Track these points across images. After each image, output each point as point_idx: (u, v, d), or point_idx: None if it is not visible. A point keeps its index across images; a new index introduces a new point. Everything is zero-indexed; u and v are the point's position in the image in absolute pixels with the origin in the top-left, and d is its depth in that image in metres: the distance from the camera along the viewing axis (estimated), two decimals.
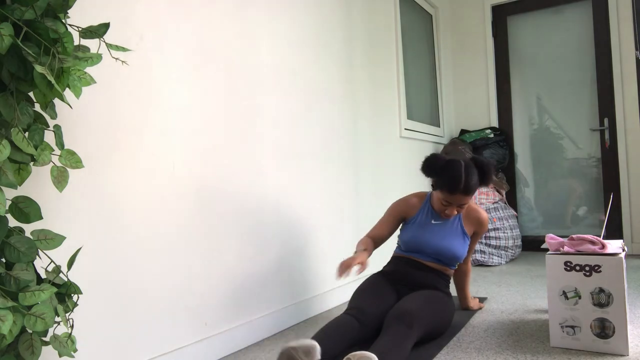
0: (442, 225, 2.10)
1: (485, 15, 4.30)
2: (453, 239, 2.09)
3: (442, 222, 2.11)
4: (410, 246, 2.09)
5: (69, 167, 1.16)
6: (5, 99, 1.04)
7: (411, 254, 2.10)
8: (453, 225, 2.12)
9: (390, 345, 1.57)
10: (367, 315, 1.78)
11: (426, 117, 3.96)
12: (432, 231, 2.09)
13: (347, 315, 1.76)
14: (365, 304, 1.83)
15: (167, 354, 1.65)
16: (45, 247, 1.10)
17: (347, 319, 1.74)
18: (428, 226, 2.10)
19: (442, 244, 2.06)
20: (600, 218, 3.91)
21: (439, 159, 2.04)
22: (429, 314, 1.79)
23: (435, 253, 2.06)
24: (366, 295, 1.90)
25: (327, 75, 2.61)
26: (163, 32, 1.71)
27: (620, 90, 3.77)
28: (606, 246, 1.74)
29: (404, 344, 1.60)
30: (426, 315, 1.76)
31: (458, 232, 2.12)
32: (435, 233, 2.08)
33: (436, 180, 2.05)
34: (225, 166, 1.94)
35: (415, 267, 2.06)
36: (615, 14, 3.80)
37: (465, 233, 2.13)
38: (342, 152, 2.71)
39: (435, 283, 2.05)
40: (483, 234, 2.30)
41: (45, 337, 1.11)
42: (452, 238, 2.09)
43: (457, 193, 1.97)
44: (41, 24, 1.03)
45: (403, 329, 1.64)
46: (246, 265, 2.02)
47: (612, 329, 1.68)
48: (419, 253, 2.08)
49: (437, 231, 2.08)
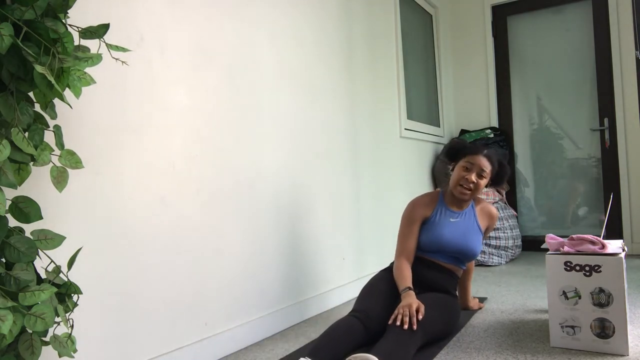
0: (461, 223, 2.08)
1: (485, 15, 4.30)
2: (472, 235, 2.07)
3: (460, 219, 2.09)
4: (431, 247, 2.04)
5: (68, 167, 1.16)
6: (5, 99, 1.04)
7: (427, 254, 2.06)
8: (470, 221, 2.10)
9: (394, 348, 1.56)
10: (373, 319, 1.75)
11: (426, 117, 3.96)
12: (452, 229, 2.05)
13: (352, 318, 1.73)
14: (372, 307, 1.79)
15: (167, 354, 1.65)
16: (45, 247, 1.10)
17: (353, 321, 1.71)
18: (447, 225, 2.06)
19: (463, 241, 2.04)
20: (600, 218, 3.91)
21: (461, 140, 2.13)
22: (436, 319, 1.77)
23: (456, 252, 2.03)
24: (374, 297, 1.86)
25: (327, 75, 2.61)
26: (163, 32, 1.71)
27: (620, 90, 3.77)
28: (606, 246, 1.74)
29: (408, 347, 1.59)
30: (433, 321, 1.75)
31: (475, 228, 2.10)
32: (455, 231, 2.05)
33: (459, 153, 2.12)
34: (226, 166, 1.94)
35: (429, 267, 2.04)
36: (615, 14, 3.80)
37: (480, 228, 2.12)
38: (342, 151, 2.71)
39: (447, 285, 2.03)
40: (492, 229, 2.30)
41: (45, 337, 1.11)
42: (471, 235, 2.07)
43: (479, 154, 2.06)
44: (41, 24, 1.03)
45: (407, 333, 1.62)
46: (246, 265, 2.02)
47: (612, 329, 1.68)
48: (437, 253, 2.05)
49: (456, 229, 2.05)
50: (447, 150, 2.16)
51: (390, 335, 1.61)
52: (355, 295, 2.76)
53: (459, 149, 2.13)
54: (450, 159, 2.16)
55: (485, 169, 2.05)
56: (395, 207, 3.24)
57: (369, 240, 2.94)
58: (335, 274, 2.62)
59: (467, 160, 2.06)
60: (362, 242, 2.87)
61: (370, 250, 2.94)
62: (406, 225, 2.08)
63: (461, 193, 2.05)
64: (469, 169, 2.04)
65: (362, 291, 1.95)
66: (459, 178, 2.06)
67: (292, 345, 1.98)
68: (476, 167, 2.04)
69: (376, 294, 1.89)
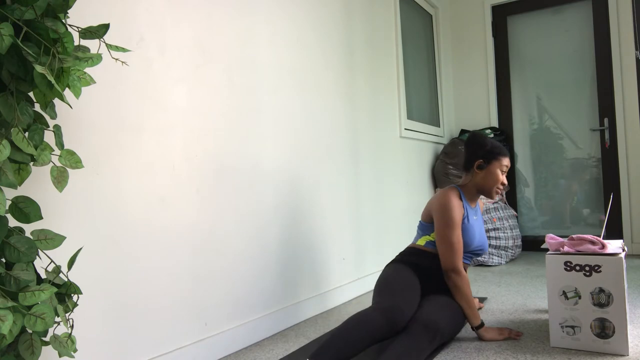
0: (479, 219, 2.11)
1: (485, 15, 4.30)
2: (483, 230, 2.13)
3: (478, 215, 2.12)
4: (466, 248, 2.01)
5: (68, 167, 1.16)
6: (5, 99, 1.04)
7: None
8: (480, 216, 2.15)
9: (410, 350, 1.57)
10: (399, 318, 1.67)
11: (426, 117, 3.96)
12: (478, 228, 2.08)
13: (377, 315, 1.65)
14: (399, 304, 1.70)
15: (167, 354, 1.65)
16: (45, 247, 1.10)
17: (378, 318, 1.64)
18: (475, 224, 2.06)
19: (483, 238, 2.09)
20: (600, 218, 3.91)
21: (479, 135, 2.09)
22: (451, 325, 1.77)
23: (479, 249, 2.06)
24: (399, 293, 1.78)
25: (327, 75, 2.61)
26: (163, 32, 1.71)
27: (620, 90, 3.77)
28: (606, 246, 1.74)
29: (423, 353, 1.60)
30: (448, 327, 1.74)
31: (483, 222, 2.16)
32: (479, 228, 2.08)
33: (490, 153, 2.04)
34: (225, 166, 1.94)
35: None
36: (615, 14, 3.80)
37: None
38: (342, 152, 2.71)
39: None
40: None
41: (45, 337, 1.11)
42: (483, 230, 2.13)
43: (507, 156, 2.06)
44: (41, 24, 1.03)
45: (426, 339, 1.63)
46: (246, 265, 2.02)
47: (612, 329, 1.68)
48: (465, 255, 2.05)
49: (478, 226, 2.08)
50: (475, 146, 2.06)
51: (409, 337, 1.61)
52: (355, 295, 2.76)
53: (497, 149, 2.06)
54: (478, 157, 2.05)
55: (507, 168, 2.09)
56: (395, 207, 3.24)
57: (369, 240, 2.94)
58: (335, 274, 2.62)
59: (505, 164, 2.04)
60: (362, 242, 2.87)
61: (370, 250, 2.94)
62: (455, 228, 1.94)
63: (497, 194, 2.07)
64: (503, 173, 2.06)
65: (386, 283, 1.86)
66: (497, 182, 2.03)
67: (292, 345, 1.98)
68: (507, 169, 2.07)
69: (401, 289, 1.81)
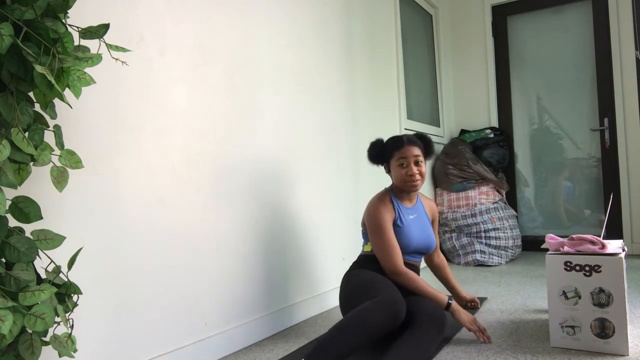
0: (418, 218, 2.09)
1: (485, 15, 4.30)
2: (429, 228, 2.13)
3: (417, 214, 2.09)
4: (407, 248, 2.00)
5: (68, 167, 1.16)
6: (5, 99, 1.04)
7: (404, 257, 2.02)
8: (423, 214, 2.13)
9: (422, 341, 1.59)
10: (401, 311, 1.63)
11: (426, 117, 3.96)
12: (416, 226, 2.05)
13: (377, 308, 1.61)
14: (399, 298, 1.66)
15: (167, 354, 1.65)
16: (45, 247, 1.10)
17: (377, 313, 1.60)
18: (412, 223, 2.04)
19: (425, 236, 2.07)
20: (600, 218, 3.91)
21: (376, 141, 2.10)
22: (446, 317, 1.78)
23: (422, 247, 2.06)
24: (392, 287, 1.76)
25: (327, 75, 2.61)
26: (163, 32, 1.71)
27: (620, 90, 3.77)
28: (606, 246, 1.74)
29: (433, 344, 1.64)
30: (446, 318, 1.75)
31: (428, 220, 2.15)
32: (417, 227, 2.05)
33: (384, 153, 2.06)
34: (225, 166, 1.94)
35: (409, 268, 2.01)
36: (615, 14, 3.80)
37: (430, 220, 2.18)
38: (342, 151, 2.71)
39: None
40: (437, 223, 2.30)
41: (45, 337, 1.11)
42: (428, 228, 2.12)
43: (404, 145, 2.01)
44: (41, 24, 1.03)
45: (434, 333, 1.65)
46: (246, 266, 2.02)
47: (612, 329, 1.68)
48: (410, 254, 2.03)
49: (418, 225, 2.06)
50: (372, 156, 2.09)
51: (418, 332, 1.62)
52: None
53: (381, 149, 2.08)
54: (379, 162, 2.09)
55: (417, 154, 2.01)
56: None
57: None
58: (335, 274, 2.62)
59: (399, 157, 2.00)
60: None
61: None
62: (386, 231, 1.95)
63: (412, 186, 2.01)
64: (405, 165, 2.00)
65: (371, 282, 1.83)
66: (401, 176, 2.01)
67: (292, 345, 1.98)
68: (410, 158, 2.00)
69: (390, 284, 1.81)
